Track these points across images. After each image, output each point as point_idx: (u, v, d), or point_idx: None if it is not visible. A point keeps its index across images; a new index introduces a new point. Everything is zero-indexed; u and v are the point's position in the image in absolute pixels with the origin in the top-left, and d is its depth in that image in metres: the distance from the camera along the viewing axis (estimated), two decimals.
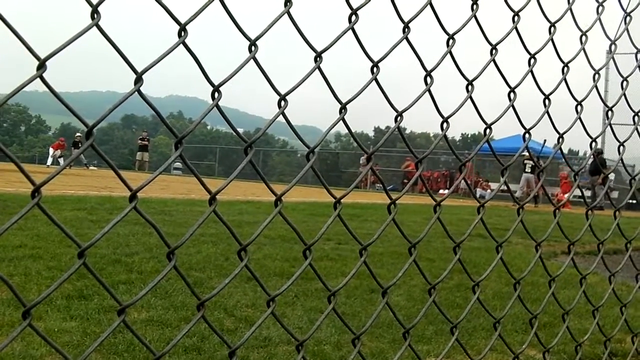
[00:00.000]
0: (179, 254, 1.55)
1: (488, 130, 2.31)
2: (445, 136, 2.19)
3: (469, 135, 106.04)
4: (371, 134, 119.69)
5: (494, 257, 2.53)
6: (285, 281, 6.22)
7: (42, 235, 8.03)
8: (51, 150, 38.72)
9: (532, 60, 2.42)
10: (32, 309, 1.30)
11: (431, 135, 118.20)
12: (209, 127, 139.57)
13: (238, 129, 1.81)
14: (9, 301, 5.25)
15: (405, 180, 37.26)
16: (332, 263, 8.21)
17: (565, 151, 2.83)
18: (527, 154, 3.01)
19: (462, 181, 2.56)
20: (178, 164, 38.37)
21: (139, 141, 44.32)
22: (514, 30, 2.33)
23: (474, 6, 2.15)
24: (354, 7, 1.82)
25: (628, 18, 2.92)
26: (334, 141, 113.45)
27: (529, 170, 27.81)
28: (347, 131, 1.97)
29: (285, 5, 1.66)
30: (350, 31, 1.82)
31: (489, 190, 33.42)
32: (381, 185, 32.98)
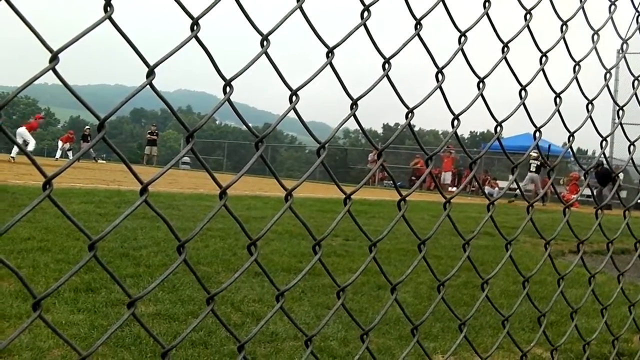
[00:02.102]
0: (186, 248, 1.55)
1: (499, 128, 2.31)
2: (455, 133, 2.19)
3: (478, 133, 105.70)
4: (380, 131, 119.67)
5: (501, 255, 2.53)
6: (293, 276, 6.25)
7: (51, 227, 8.05)
8: (60, 143, 38.79)
9: (544, 59, 2.41)
10: (42, 300, 1.31)
11: (439, 132, 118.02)
12: (217, 122, 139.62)
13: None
14: (17, 293, 5.27)
15: (413, 178, 37.24)
16: (339, 259, 8.21)
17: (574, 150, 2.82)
18: (533, 153, 3.00)
19: (468, 179, 2.55)
20: (186, 159, 38.43)
21: (148, 135, 44.40)
22: (525, 28, 2.32)
23: (487, 3, 2.15)
24: (367, 3, 1.81)
25: None
26: (343, 137, 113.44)
27: (534, 170, 27.76)
28: (355, 127, 1.98)
29: (298, 0, 1.66)
30: (362, 27, 1.82)
31: (496, 189, 33.36)
32: (389, 182, 32.99)
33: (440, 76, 2.05)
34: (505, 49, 2.26)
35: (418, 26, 1.96)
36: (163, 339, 1.88)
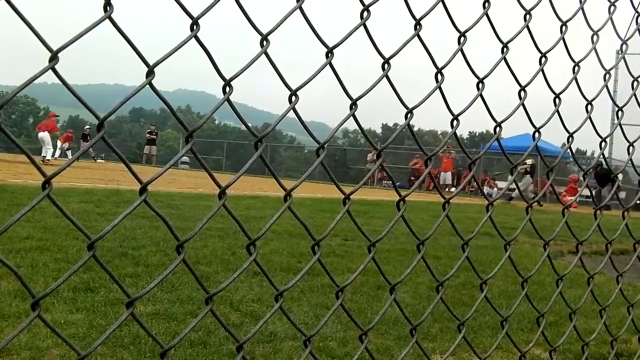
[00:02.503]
0: (185, 248, 1.55)
1: (498, 129, 2.31)
2: (455, 134, 2.19)
3: (477, 134, 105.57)
4: (379, 130, 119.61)
5: (500, 255, 2.52)
6: (292, 276, 6.24)
7: (50, 227, 8.06)
8: (59, 143, 38.58)
9: (543, 59, 2.41)
10: (41, 300, 1.31)
11: (439, 132, 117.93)
12: (217, 122, 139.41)
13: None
14: (15, 292, 5.27)
15: (413, 178, 37.26)
16: (339, 259, 8.22)
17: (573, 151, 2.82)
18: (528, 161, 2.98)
19: (467, 179, 2.55)
20: (185, 158, 38.38)
21: (147, 135, 44.41)
22: (524, 29, 2.32)
23: (486, 4, 2.15)
24: (366, 3, 1.81)
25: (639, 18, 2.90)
26: (342, 137, 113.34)
27: (522, 172, 27.82)
28: (354, 127, 1.98)
29: (297, 0, 1.66)
30: (361, 28, 1.81)
31: (495, 189, 33.39)
32: (388, 182, 32.99)
33: (439, 76, 2.05)
34: (505, 49, 2.26)
35: (418, 26, 1.96)
36: (162, 339, 1.88)
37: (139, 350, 4.40)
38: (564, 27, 2.47)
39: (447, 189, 33.82)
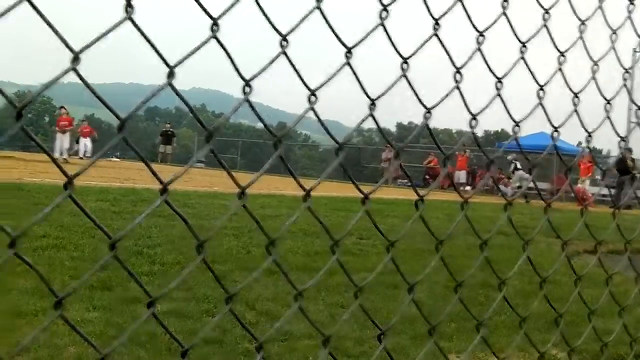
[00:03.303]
0: (205, 248, 1.56)
1: (517, 128, 2.30)
2: (474, 133, 2.18)
3: (492, 132, 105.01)
4: (393, 129, 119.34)
5: (515, 254, 2.52)
6: (307, 275, 6.23)
7: (66, 225, 8.09)
8: (81, 140, 37.95)
9: (562, 58, 2.39)
10: (64, 299, 1.31)
11: (454, 131, 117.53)
12: (232, 121, 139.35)
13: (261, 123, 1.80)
14: (33, 290, 5.29)
15: (427, 176, 37.15)
16: (354, 258, 8.20)
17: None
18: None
19: (482, 178, 2.54)
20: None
21: (162, 133, 44.44)
22: (541, 28, 2.31)
23: (505, 3, 2.14)
24: (385, 3, 1.81)
25: None
26: (356, 136, 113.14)
27: (515, 168, 27.71)
28: (369, 126, 1.97)
29: (317, 0, 1.65)
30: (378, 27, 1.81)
31: (510, 187, 33.23)
32: (403, 181, 32.76)
33: (458, 76, 2.04)
34: (524, 48, 2.25)
35: (436, 26, 1.96)
36: (177, 337, 1.88)
37: (155, 348, 4.42)
38: (582, 26, 2.45)
39: (461, 188, 33.70)
